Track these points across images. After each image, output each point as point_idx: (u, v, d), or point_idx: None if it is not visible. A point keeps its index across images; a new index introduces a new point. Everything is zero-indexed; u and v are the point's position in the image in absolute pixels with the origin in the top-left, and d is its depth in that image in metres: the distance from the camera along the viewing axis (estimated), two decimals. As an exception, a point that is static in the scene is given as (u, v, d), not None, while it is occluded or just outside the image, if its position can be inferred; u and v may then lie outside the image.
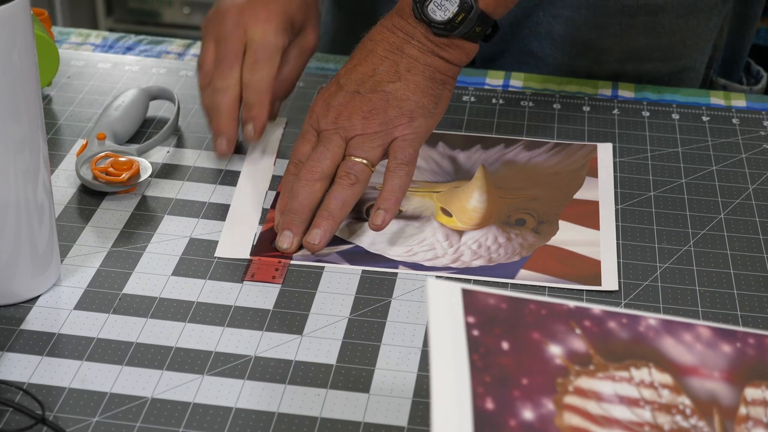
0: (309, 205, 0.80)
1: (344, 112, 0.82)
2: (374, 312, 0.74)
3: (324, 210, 0.79)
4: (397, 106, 0.81)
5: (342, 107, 0.82)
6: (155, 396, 0.67)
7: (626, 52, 1.03)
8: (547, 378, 0.56)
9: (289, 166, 0.83)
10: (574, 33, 1.02)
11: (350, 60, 0.84)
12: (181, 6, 2.84)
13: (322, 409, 0.67)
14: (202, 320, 0.73)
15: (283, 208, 0.81)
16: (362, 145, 0.81)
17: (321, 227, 0.79)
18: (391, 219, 0.80)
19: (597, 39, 1.02)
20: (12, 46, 0.67)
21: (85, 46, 1.07)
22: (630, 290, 0.77)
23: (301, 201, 0.80)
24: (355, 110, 0.81)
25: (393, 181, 0.80)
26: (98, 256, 0.78)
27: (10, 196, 0.70)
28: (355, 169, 0.80)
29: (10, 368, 0.69)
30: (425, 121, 0.83)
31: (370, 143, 0.81)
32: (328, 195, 0.80)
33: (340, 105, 0.82)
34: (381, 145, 0.81)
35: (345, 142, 0.81)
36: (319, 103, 0.83)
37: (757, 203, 0.86)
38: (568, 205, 0.85)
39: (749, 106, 0.99)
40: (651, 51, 1.04)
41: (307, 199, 0.80)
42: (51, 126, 0.93)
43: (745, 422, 0.57)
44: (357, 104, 0.82)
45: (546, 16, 1.02)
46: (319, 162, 0.80)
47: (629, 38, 1.02)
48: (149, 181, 0.86)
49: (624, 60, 1.04)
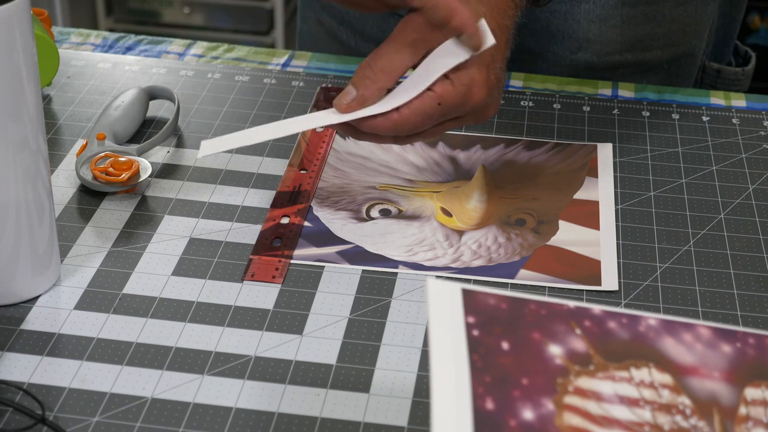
0: (392, 71, 0.77)
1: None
2: (374, 312, 0.74)
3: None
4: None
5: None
6: (155, 396, 0.67)
7: (626, 43, 1.03)
8: (547, 378, 0.56)
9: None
10: (574, 27, 1.02)
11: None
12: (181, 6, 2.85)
13: (322, 409, 0.67)
14: (202, 320, 0.73)
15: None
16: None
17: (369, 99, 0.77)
18: (357, 108, 0.77)
19: (597, 31, 1.03)
20: (12, 46, 0.67)
21: (85, 46, 1.07)
22: (630, 290, 0.77)
23: (383, 64, 0.77)
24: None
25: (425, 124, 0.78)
26: (98, 256, 0.78)
27: (10, 196, 0.70)
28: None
29: (10, 368, 0.69)
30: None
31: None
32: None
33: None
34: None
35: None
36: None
37: (757, 203, 0.86)
38: (568, 205, 0.85)
39: (749, 106, 0.99)
40: (651, 40, 1.04)
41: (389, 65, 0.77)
42: (51, 126, 0.93)
43: (745, 422, 0.57)
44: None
45: (543, 12, 1.02)
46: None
47: (629, 29, 1.02)
48: (149, 181, 0.86)
49: (624, 51, 1.04)
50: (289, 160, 0.90)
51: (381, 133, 0.78)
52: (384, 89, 0.78)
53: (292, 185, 0.86)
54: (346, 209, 0.84)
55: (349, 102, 0.77)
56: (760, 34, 2.60)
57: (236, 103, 0.97)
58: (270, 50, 1.06)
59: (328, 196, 0.86)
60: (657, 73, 1.07)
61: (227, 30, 2.87)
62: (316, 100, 0.97)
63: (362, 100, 0.77)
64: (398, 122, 0.77)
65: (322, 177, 0.88)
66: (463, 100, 0.78)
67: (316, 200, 0.85)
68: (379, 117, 0.77)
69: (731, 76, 1.09)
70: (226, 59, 1.05)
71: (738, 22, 1.12)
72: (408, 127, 0.78)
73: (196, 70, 1.01)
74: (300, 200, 0.85)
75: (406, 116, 0.77)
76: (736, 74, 1.09)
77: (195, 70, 1.01)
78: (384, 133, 0.79)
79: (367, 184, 0.87)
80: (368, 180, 0.88)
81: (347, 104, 0.77)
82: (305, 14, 1.17)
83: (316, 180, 0.87)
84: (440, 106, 0.77)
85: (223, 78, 1.00)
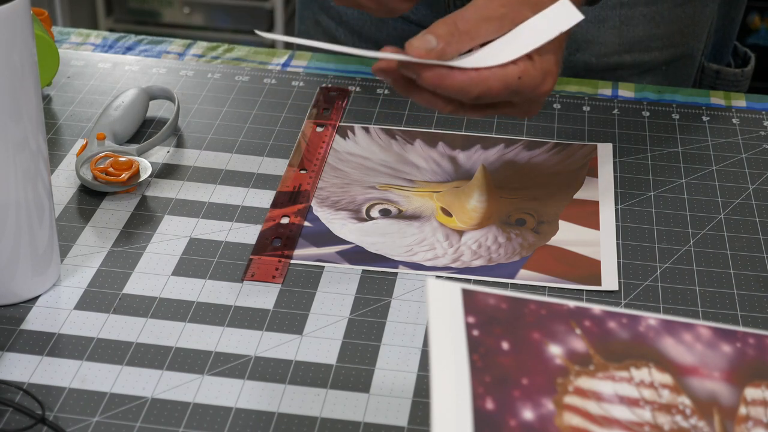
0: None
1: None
2: (374, 312, 0.74)
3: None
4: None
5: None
6: (155, 396, 0.67)
7: (625, 44, 1.03)
8: (547, 378, 0.56)
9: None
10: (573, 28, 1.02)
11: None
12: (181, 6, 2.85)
13: (322, 409, 0.67)
14: (202, 320, 0.73)
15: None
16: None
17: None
18: (434, 59, 0.75)
19: (596, 32, 1.03)
20: (12, 46, 0.67)
21: (85, 46, 1.07)
22: (630, 290, 0.77)
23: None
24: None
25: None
26: (98, 256, 0.78)
27: (10, 196, 0.70)
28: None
29: (10, 368, 0.69)
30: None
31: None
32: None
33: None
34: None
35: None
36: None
37: (757, 203, 0.86)
38: (568, 205, 0.85)
39: (749, 106, 0.99)
40: (650, 41, 1.04)
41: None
42: (51, 126, 0.93)
43: (745, 422, 0.57)
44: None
45: None
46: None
47: (628, 29, 1.02)
48: (149, 181, 0.86)
49: (623, 51, 1.04)
50: (289, 160, 0.90)
51: (448, 88, 0.75)
52: (460, 53, 0.76)
53: (292, 185, 0.86)
54: (346, 209, 0.84)
55: (428, 50, 0.74)
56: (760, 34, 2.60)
57: (236, 103, 0.97)
58: (270, 50, 1.06)
59: (328, 196, 0.86)
60: (656, 74, 1.07)
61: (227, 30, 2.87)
62: (316, 100, 0.97)
63: (441, 54, 0.75)
64: (474, 81, 0.75)
65: (322, 177, 0.88)
66: (538, 84, 0.78)
67: (316, 200, 0.85)
68: (456, 70, 0.75)
69: (730, 77, 1.09)
70: (226, 59, 1.05)
71: (737, 23, 1.12)
72: (480, 89, 0.75)
73: (196, 70, 1.01)
74: (300, 200, 0.85)
75: (485, 77, 0.75)
76: (735, 75, 1.09)
77: (195, 70, 1.01)
78: (450, 90, 0.75)
79: (367, 184, 0.87)
80: (368, 180, 0.88)
81: (426, 51, 0.74)
82: (303, 15, 1.17)
83: (316, 180, 0.87)
84: (520, 81, 0.76)
85: (223, 78, 1.00)
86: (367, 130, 0.94)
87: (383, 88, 0.99)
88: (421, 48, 0.74)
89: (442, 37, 0.75)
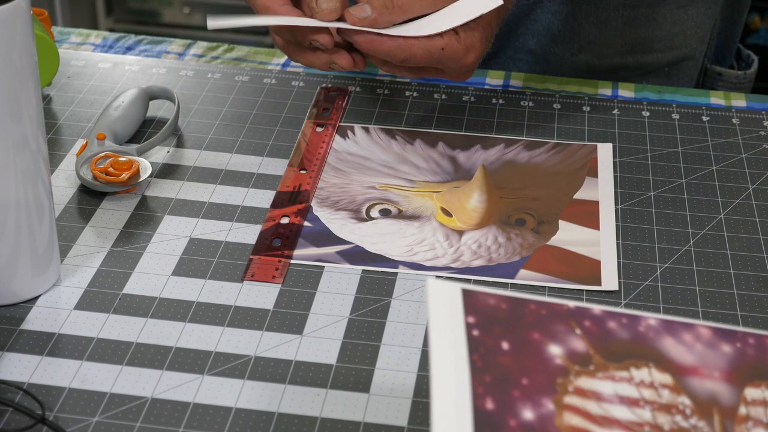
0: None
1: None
2: (374, 312, 0.74)
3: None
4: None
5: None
6: (155, 396, 0.67)
7: (627, 45, 1.03)
8: (547, 378, 0.56)
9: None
10: (576, 28, 1.02)
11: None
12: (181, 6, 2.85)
13: (322, 409, 0.67)
14: (202, 320, 0.73)
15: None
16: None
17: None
18: (366, 27, 0.84)
19: (599, 33, 1.03)
20: (12, 46, 0.67)
21: (85, 46, 1.07)
22: (630, 290, 0.77)
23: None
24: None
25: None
26: (98, 256, 0.78)
27: (10, 196, 0.70)
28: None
29: (10, 368, 0.69)
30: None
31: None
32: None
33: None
34: None
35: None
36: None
37: (757, 203, 0.86)
38: (568, 205, 0.85)
39: (749, 106, 0.99)
40: (652, 42, 1.04)
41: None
42: (51, 126, 0.93)
43: (745, 422, 0.57)
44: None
45: (545, 13, 1.02)
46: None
47: (631, 31, 1.02)
48: (149, 181, 0.86)
49: (625, 53, 1.04)
50: (289, 160, 0.90)
51: (375, 51, 0.84)
52: (393, 23, 0.84)
53: (292, 185, 0.86)
54: (346, 209, 0.84)
55: (361, 18, 0.83)
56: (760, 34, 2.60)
57: (236, 103, 0.97)
58: (270, 50, 1.06)
59: (328, 196, 0.86)
60: (658, 76, 1.07)
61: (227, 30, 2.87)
62: (316, 100, 0.97)
63: (373, 23, 0.83)
64: (400, 46, 0.83)
65: (322, 177, 0.88)
66: (460, 56, 0.85)
67: (316, 200, 0.85)
68: (385, 36, 0.83)
69: (733, 79, 1.09)
70: (226, 59, 1.05)
71: (740, 25, 1.11)
72: (405, 55, 0.83)
73: (196, 70, 1.01)
74: (300, 200, 0.85)
75: (410, 44, 0.83)
76: (738, 77, 1.09)
77: (195, 70, 1.01)
78: (378, 53, 0.84)
79: (367, 184, 0.87)
80: (368, 180, 0.88)
81: (359, 19, 0.83)
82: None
83: (316, 180, 0.87)
84: (443, 51, 0.84)
85: (223, 78, 1.01)
86: (367, 130, 0.94)
87: (383, 88, 0.99)
88: (356, 15, 0.83)
89: (376, 7, 0.83)
